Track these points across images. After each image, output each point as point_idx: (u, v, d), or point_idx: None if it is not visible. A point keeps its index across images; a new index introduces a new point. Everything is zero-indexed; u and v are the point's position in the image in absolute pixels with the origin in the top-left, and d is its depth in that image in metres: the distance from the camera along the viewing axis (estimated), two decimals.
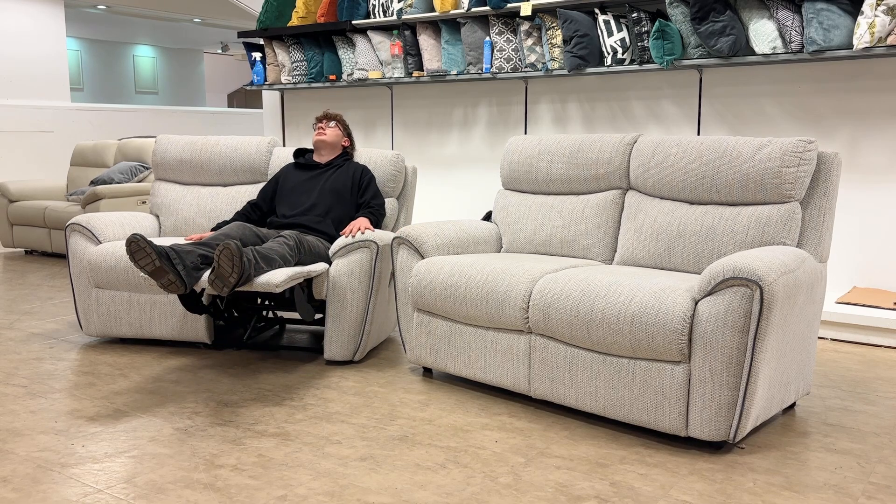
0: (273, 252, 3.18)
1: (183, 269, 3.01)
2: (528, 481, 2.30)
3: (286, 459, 2.45)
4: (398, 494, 2.21)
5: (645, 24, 4.41)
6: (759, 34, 4.08)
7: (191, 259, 3.06)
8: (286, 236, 3.34)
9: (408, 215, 4.04)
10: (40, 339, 3.95)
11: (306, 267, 3.29)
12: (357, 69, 5.65)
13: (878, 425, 2.76)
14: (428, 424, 2.76)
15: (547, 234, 3.45)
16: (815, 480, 2.31)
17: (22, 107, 8.64)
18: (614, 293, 2.61)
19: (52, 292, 5.17)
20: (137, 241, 2.95)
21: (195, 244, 3.16)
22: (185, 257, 3.04)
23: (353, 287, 3.43)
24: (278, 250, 3.21)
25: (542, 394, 2.86)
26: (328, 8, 5.72)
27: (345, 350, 3.49)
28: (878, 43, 3.77)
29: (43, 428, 2.72)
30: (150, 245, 2.96)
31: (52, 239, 6.59)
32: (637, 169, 3.25)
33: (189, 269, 3.04)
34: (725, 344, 2.40)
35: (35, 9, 9.08)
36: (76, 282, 3.83)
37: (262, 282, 3.02)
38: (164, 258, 2.98)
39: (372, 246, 3.44)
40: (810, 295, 2.67)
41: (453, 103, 5.60)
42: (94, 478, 2.32)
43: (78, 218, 3.87)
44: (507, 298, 2.88)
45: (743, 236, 2.88)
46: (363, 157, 4.02)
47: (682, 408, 2.50)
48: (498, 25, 4.95)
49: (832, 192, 2.85)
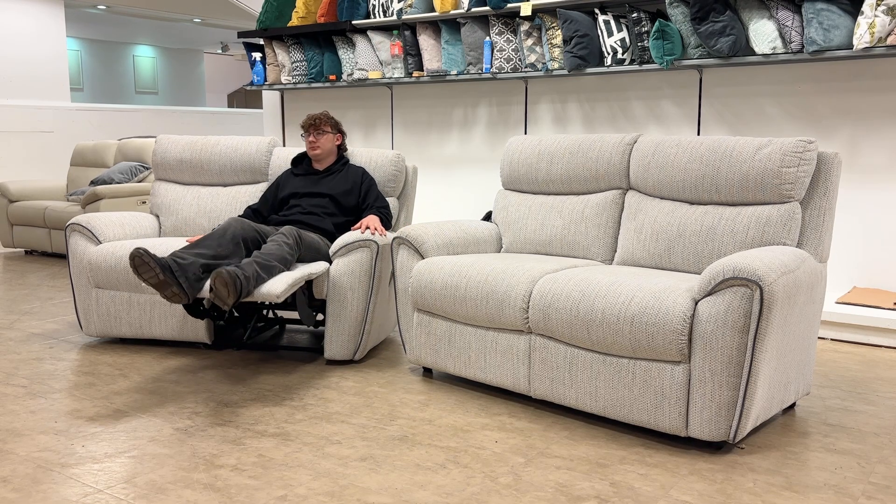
0: (272, 258, 3.17)
1: (185, 281, 3.03)
2: (528, 481, 2.30)
3: (286, 459, 2.45)
4: (398, 494, 2.21)
5: (645, 24, 4.42)
6: (759, 34, 4.08)
7: (192, 270, 3.07)
8: (284, 233, 3.33)
9: (408, 215, 4.04)
10: (40, 339, 3.95)
11: (306, 268, 3.28)
12: (357, 69, 5.65)
13: (878, 425, 2.76)
14: (428, 424, 2.76)
15: (547, 234, 3.45)
16: (815, 480, 2.31)
17: (22, 107, 8.64)
18: (614, 293, 2.61)
19: (52, 292, 5.16)
20: (141, 255, 2.97)
21: (197, 253, 3.15)
22: (188, 269, 3.05)
23: (353, 286, 3.43)
24: (277, 253, 3.20)
25: (542, 394, 2.86)
26: (328, 8, 5.72)
27: (345, 349, 3.48)
28: (878, 43, 3.77)
29: (43, 428, 2.72)
30: (154, 259, 2.98)
31: (52, 239, 6.59)
32: (637, 169, 3.25)
33: (191, 280, 3.05)
34: (725, 344, 2.40)
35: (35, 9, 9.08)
36: (76, 282, 3.83)
37: (264, 292, 3.03)
38: (168, 271, 3.00)
39: (372, 245, 3.44)
40: (810, 295, 2.67)
41: (453, 103, 5.60)
42: (94, 478, 2.32)
43: (78, 218, 3.87)
44: (507, 298, 2.88)
45: (743, 236, 2.88)
46: (364, 157, 4.02)
47: (682, 408, 2.50)
48: (498, 25, 4.95)
49: (832, 192, 2.85)
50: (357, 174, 3.84)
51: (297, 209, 3.78)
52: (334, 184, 3.81)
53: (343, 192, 3.78)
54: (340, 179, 3.82)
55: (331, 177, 3.85)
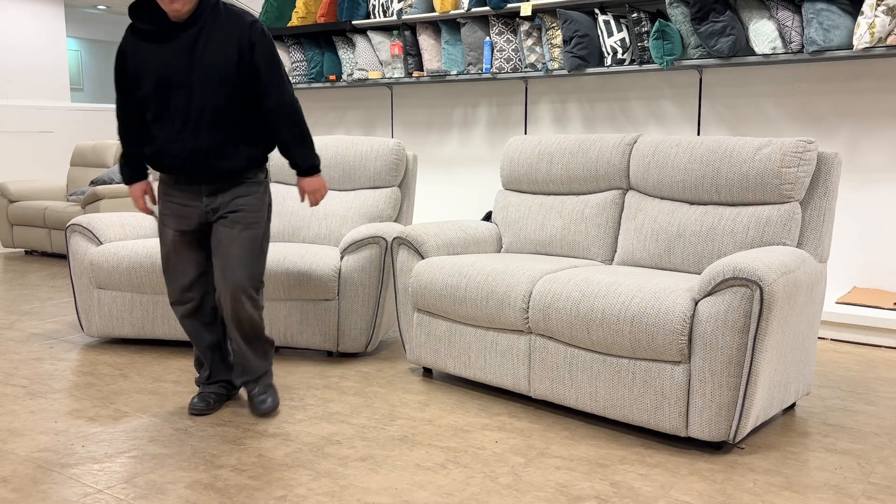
0: (250, 358, 2.88)
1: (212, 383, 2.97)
2: (528, 481, 2.30)
3: (286, 459, 2.45)
4: (398, 495, 2.21)
5: (645, 24, 4.42)
6: (759, 34, 4.08)
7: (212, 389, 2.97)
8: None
9: (409, 205, 4.04)
10: (40, 339, 3.95)
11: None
12: (357, 69, 5.65)
13: (878, 425, 2.76)
14: (428, 424, 2.76)
15: (547, 234, 3.45)
16: (815, 480, 2.31)
17: (22, 107, 8.64)
18: (614, 293, 2.61)
19: (52, 292, 5.16)
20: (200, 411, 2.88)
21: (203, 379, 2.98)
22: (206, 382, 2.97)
23: (363, 282, 3.50)
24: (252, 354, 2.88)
25: (542, 394, 2.86)
26: (328, 8, 5.72)
27: (357, 343, 3.55)
28: (878, 43, 3.77)
29: (43, 428, 2.72)
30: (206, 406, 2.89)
31: (52, 239, 6.59)
32: (637, 169, 3.25)
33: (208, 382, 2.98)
34: (725, 344, 2.41)
35: (35, 9, 9.09)
36: (77, 282, 3.83)
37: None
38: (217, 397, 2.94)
39: (381, 242, 3.52)
40: (810, 295, 2.67)
41: (453, 103, 5.60)
42: (94, 478, 2.32)
43: (79, 219, 3.87)
44: (507, 299, 2.88)
45: (743, 236, 2.88)
46: (363, 146, 4.00)
47: (682, 408, 2.50)
48: (498, 25, 4.95)
49: (832, 192, 2.85)
50: (242, 26, 2.64)
51: (164, 131, 2.68)
52: (207, 46, 2.62)
53: (223, 61, 2.62)
54: (214, 36, 2.63)
55: (197, 30, 2.62)
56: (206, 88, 2.63)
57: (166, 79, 2.63)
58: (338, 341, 3.54)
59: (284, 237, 4.01)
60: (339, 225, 3.91)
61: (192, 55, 2.61)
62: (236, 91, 2.66)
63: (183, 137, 2.67)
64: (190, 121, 2.65)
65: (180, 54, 2.62)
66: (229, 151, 2.69)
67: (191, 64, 2.62)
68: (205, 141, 2.66)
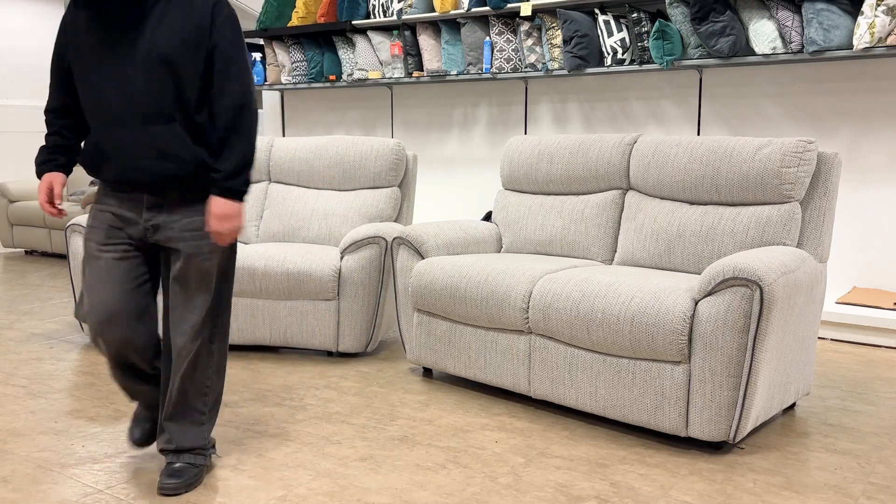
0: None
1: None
2: (528, 481, 2.30)
3: (286, 459, 2.45)
4: (398, 495, 2.21)
5: (645, 24, 4.42)
6: (759, 34, 4.08)
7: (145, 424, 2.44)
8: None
9: (410, 205, 4.04)
10: (40, 339, 3.95)
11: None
12: (357, 69, 5.65)
13: (878, 425, 2.76)
14: (428, 424, 2.76)
15: (547, 234, 3.45)
16: (815, 480, 2.31)
17: (22, 107, 8.65)
18: (614, 293, 2.61)
19: (52, 292, 5.17)
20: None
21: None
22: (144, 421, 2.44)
23: (363, 282, 3.51)
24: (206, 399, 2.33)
25: (542, 394, 2.86)
26: (328, 8, 5.72)
27: (357, 343, 3.56)
28: (878, 43, 3.77)
29: (43, 428, 2.72)
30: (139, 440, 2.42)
31: (52, 239, 6.59)
32: (637, 169, 3.25)
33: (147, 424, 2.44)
34: (725, 344, 2.41)
35: (35, 9, 9.09)
36: (77, 282, 3.83)
37: None
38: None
39: (381, 242, 3.52)
40: (810, 295, 2.67)
41: (453, 103, 5.60)
42: (94, 478, 2.32)
43: (78, 219, 3.87)
44: (507, 298, 2.88)
45: (743, 236, 2.88)
46: (363, 145, 4.00)
47: (682, 408, 2.50)
48: (498, 25, 4.95)
49: (832, 192, 2.85)
50: (205, 3, 2.16)
51: (97, 121, 2.19)
52: (159, 25, 2.13)
53: (176, 45, 2.12)
54: (170, 13, 2.14)
55: (151, 4, 2.14)
56: (149, 72, 2.10)
57: (104, 56, 2.13)
58: (338, 341, 3.55)
59: (284, 237, 4.01)
60: (339, 225, 3.91)
61: (140, 31, 2.11)
62: (188, 78, 2.13)
63: (116, 131, 2.14)
64: (126, 110, 2.13)
65: (125, 29, 2.12)
66: (173, 152, 2.13)
67: (136, 42, 2.11)
68: (141, 136, 2.12)
